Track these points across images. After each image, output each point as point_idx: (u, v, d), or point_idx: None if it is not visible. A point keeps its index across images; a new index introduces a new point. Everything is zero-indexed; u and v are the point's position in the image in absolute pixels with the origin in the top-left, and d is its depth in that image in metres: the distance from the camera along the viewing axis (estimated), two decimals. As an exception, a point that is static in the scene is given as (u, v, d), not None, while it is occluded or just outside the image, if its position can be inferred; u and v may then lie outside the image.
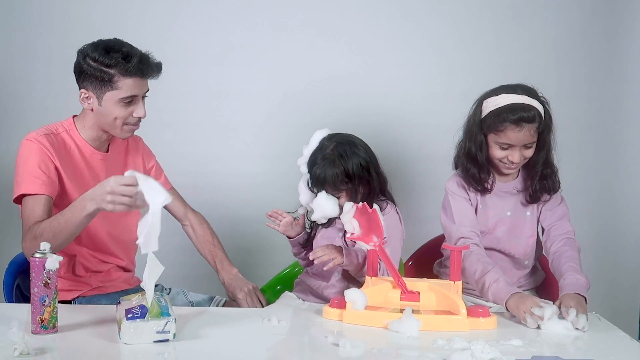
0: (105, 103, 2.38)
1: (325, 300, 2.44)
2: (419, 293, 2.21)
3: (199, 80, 3.32)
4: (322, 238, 2.50)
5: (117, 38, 2.44)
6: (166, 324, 1.90)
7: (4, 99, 3.38)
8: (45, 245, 1.98)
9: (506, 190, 2.49)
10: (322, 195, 2.37)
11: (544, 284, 2.62)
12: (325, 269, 2.32)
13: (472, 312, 2.10)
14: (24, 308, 2.06)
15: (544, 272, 2.62)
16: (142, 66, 2.37)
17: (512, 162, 2.38)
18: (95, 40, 2.42)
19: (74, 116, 2.51)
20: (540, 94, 2.43)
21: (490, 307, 2.25)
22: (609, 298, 3.39)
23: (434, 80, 3.37)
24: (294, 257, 2.63)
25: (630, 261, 3.44)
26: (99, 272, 2.49)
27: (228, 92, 3.36)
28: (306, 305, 2.42)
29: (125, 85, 2.36)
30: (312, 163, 2.41)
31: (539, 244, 2.54)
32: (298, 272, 2.76)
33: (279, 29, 3.36)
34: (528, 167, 2.47)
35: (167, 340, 1.91)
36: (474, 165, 2.44)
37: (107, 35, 3.34)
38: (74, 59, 2.35)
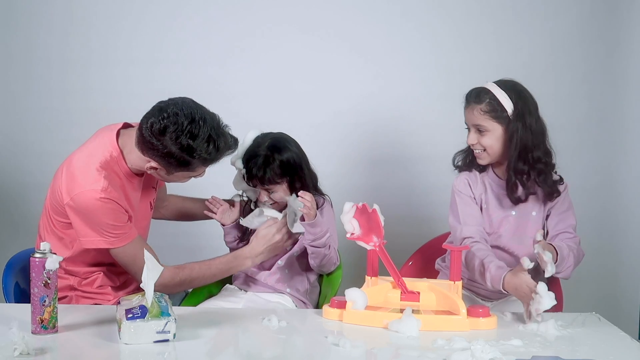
0: (173, 177, 2.36)
1: (268, 288, 2.55)
2: (419, 293, 2.21)
3: (200, 82, 3.32)
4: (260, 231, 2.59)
5: (192, 104, 2.26)
6: (166, 324, 1.90)
7: (4, 99, 3.38)
8: (45, 246, 1.98)
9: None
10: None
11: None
12: (301, 210, 2.44)
13: (472, 312, 2.10)
14: (24, 308, 2.06)
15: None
16: (222, 155, 2.32)
17: (470, 145, 2.42)
18: (172, 109, 2.22)
19: (117, 135, 2.35)
20: (519, 90, 2.43)
21: (490, 307, 2.25)
22: (609, 298, 3.40)
23: (433, 80, 3.37)
24: (226, 246, 2.66)
25: (630, 261, 3.44)
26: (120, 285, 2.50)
27: (230, 93, 3.35)
28: (248, 295, 2.55)
29: (201, 169, 2.34)
30: (249, 159, 2.51)
31: None
32: None
33: (279, 30, 3.36)
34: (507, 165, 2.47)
35: (167, 340, 1.91)
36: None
37: (106, 34, 3.36)
38: (75, 59, 2.30)
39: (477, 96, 2.42)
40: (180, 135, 2.21)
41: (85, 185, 2.25)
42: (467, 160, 2.53)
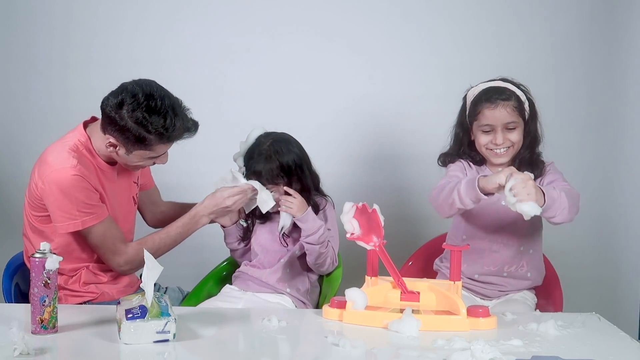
0: (132, 157, 2.36)
1: (268, 287, 2.55)
2: (419, 293, 2.21)
3: (201, 82, 3.32)
4: (261, 234, 2.61)
5: (154, 84, 2.33)
6: (166, 324, 1.90)
7: (4, 99, 3.38)
8: (45, 246, 1.98)
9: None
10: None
11: (544, 285, 2.62)
12: (281, 208, 2.49)
13: (472, 312, 2.10)
14: (24, 308, 2.06)
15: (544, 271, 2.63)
16: (180, 134, 2.34)
17: (497, 145, 2.41)
18: (132, 86, 2.30)
19: (85, 125, 2.42)
20: (522, 86, 2.47)
21: (490, 307, 2.24)
22: (609, 298, 3.40)
23: (433, 80, 3.37)
24: (226, 247, 2.67)
25: (630, 261, 3.44)
26: (108, 281, 2.50)
27: (229, 92, 3.36)
28: (247, 295, 2.54)
29: (159, 148, 2.35)
30: (249, 157, 2.53)
31: (536, 232, 2.54)
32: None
33: (279, 30, 3.36)
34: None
35: (167, 340, 1.90)
36: (460, 146, 2.54)
37: (107, 34, 3.35)
38: (75, 59, 2.31)
39: (501, 93, 2.42)
40: (136, 108, 2.25)
41: (56, 165, 2.31)
42: (456, 151, 2.54)
